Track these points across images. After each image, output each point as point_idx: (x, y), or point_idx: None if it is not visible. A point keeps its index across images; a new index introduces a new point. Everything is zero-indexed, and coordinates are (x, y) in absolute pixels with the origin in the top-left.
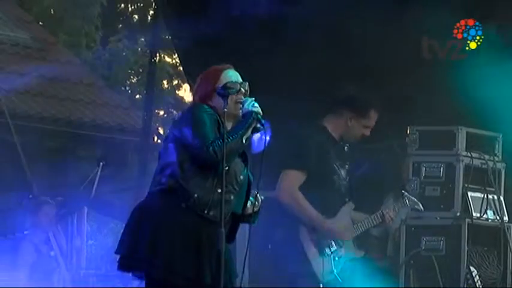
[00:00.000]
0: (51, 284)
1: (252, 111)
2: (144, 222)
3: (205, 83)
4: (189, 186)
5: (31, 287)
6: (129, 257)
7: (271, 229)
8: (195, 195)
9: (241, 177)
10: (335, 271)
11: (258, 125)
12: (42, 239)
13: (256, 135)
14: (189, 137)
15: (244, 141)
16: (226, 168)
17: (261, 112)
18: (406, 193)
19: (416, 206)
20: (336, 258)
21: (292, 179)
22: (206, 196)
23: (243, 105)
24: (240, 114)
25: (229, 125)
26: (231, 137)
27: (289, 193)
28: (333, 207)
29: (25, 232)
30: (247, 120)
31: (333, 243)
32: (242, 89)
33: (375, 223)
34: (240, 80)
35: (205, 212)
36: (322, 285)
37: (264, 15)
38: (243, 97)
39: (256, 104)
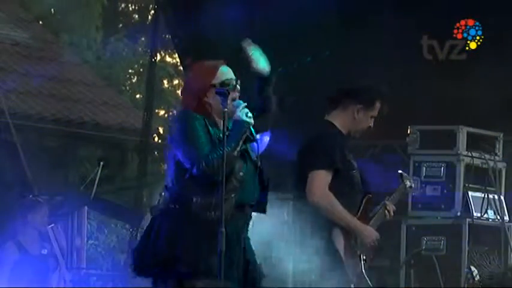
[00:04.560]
0: (45, 284)
1: (244, 122)
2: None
3: (201, 78)
4: (186, 192)
5: (15, 286)
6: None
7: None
8: (193, 200)
9: (241, 173)
10: (364, 272)
11: (250, 136)
12: (31, 237)
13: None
14: (183, 148)
15: (236, 153)
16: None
17: (253, 122)
18: (402, 172)
19: (409, 182)
20: (364, 257)
21: (323, 180)
22: (206, 199)
23: (235, 107)
24: (223, 110)
25: (220, 122)
26: (223, 149)
27: (322, 194)
28: (355, 202)
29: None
30: (239, 131)
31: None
32: (238, 86)
33: (381, 219)
34: (234, 76)
35: (208, 213)
36: (354, 285)
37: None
38: (237, 94)
39: (250, 114)
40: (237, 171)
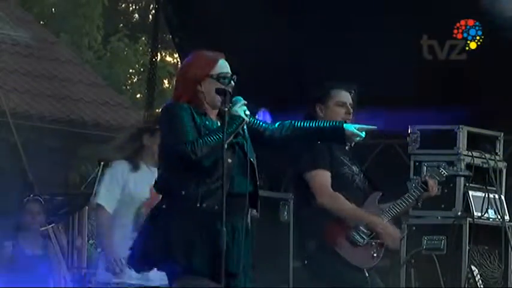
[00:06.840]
0: (44, 284)
1: (240, 118)
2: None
3: (199, 67)
4: (175, 185)
5: (13, 286)
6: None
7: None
8: (182, 193)
9: (230, 160)
10: (376, 254)
11: (241, 132)
12: (31, 237)
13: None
14: (167, 137)
15: (225, 145)
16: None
17: (248, 120)
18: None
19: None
20: (373, 244)
21: (325, 179)
22: (193, 190)
23: (233, 104)
24: (223, 109)
25: (211, 111)
26: (212, 137)
27: (329, 194)
28: (352, 199)
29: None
30: (232, 125)
31: (362, 228)
32: (232, 81)
33: (417, 196)
34: (230, 71)
35: (197, 205)
36: (367, 273)
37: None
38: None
39: (248, 112)
40: (225, 158)
